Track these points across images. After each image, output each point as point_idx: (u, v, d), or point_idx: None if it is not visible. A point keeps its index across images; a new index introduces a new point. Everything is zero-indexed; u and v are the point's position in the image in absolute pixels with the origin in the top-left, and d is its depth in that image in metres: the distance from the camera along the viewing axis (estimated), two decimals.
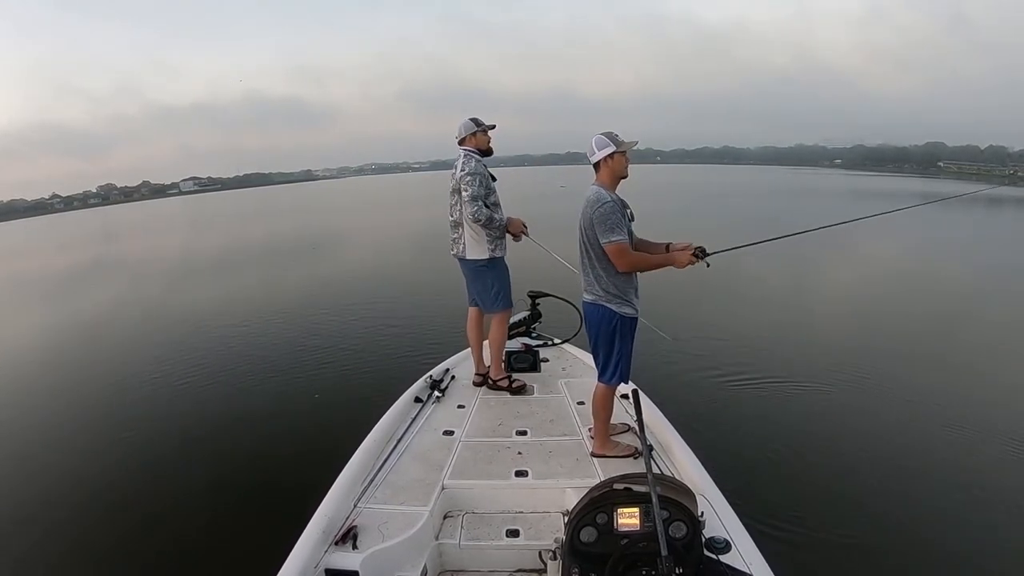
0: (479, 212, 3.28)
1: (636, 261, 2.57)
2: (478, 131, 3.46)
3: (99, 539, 3.72)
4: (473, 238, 3.42)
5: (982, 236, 18.04)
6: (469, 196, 3.28)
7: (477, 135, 3.45)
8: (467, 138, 3.44)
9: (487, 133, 3.49)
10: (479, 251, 3.43)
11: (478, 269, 3.49)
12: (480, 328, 3.76)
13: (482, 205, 3.30)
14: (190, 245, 23.55)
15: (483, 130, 3.47)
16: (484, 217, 3.30)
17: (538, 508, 2.47)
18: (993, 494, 3.77)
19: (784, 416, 4.93)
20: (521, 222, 3.56)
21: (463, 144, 3.45)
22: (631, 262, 2.55)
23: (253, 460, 4.55)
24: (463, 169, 3.34)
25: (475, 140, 3.45)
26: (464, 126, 3.45)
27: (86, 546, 3.66)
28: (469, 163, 3.36)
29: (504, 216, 3.46)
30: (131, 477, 4.44)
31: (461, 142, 3.46)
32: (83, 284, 15.95)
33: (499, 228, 3.43)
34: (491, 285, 3.51)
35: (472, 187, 3.28)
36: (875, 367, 6.01)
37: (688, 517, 1.72)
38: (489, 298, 3.54)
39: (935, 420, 4.81)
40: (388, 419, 3.07)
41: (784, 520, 3.36)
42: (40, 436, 5.45)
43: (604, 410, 2.74)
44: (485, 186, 3.36)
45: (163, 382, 6.56)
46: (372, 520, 2.24)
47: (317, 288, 11.64)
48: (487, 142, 3.50)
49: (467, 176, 3.30)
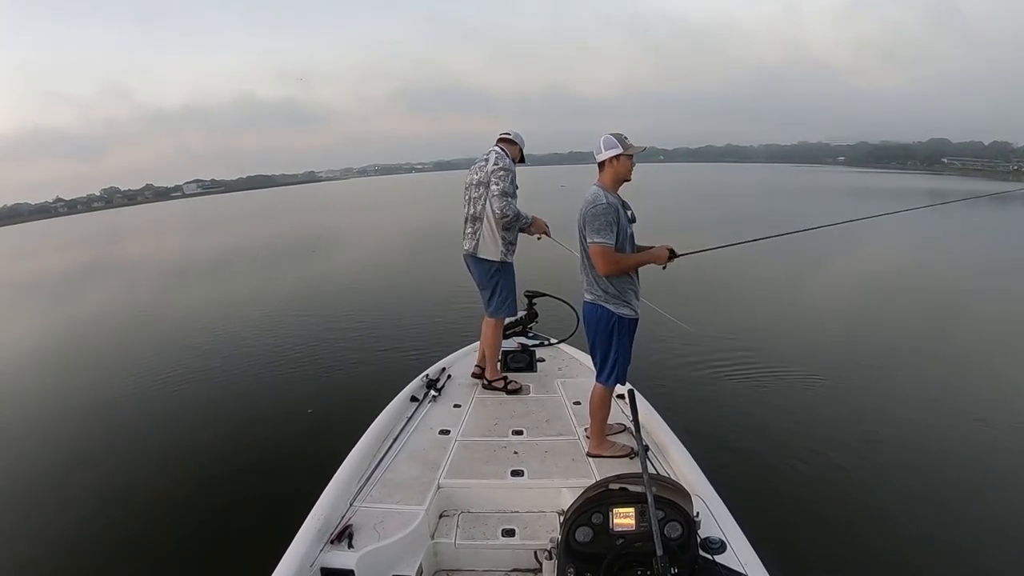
0: (508, 207, 3.27)
1: (616, 263, 2.54)
2: (523, 151, 3.52)
3: (95, 539, 3.72)
4: (490, 237, 3.39)
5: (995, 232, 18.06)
6: (500, 191, 3.27)
7: (521, 148, 3.51)
8: (517, 145, 3.48)
9: (523, 153, 3.55)
10: (492, 252, 3.41)
11: (490, 272, 3.47)
12: (498, 334, 3.70)
13: (511, 201, 3.29)
14: (192, 246, 23.59)
15: (523, 151, 3.54)
16: (513, 213, 3.29)
17: (534, 508, 2.47)
18: (996, 494, 3.77)
19: (780, 417, 4.93)
20: (544, 222, 3.57)
21: (505, 144, 3.45)
22: (611, 262, 2.53)
23: (249, 459, 4.55)
24: (496, 163, 3.32)
25: (517, 150, 3.49)
26: (521, 138, 3.51)
27: (82, 545, 3.66)
28: (504, 159, 3.35)
29: (529, 216, 3.46)
30: (127, 477, 4.44)
31: (505, 142, 3.46)
32: (84, 286, 15.95)
33: (521, 227, 3.45)
34: (500, 290, 3.50)
35: (504, 182, 3.28)
36: (875, 366, 6.01)
37: (684, 517, 1.72)
38: (496, 302, 3.52)
39: (934, 422, 4.81)
40: (384, 418, 3.07)
41: (779, 520, 3.36)
42: (39, 437, 5.46)
43: (601, 410, 2.73)
44: (514, 184, 3.36)
45: (157, 381, 6.57)
46: (368, 519, 2.23)
47: (313, 288, 11.67)
48: (520, 158, 3.53)
49: (501, 171, 3.29)
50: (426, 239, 17.87)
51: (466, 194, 3.45)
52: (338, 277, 12.90)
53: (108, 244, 29.85)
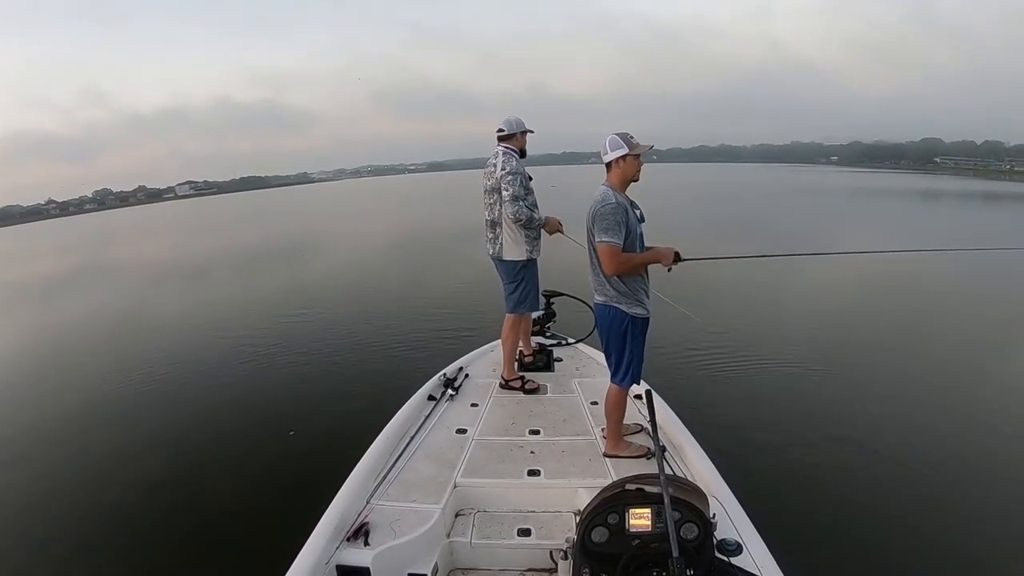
0: (520, 212, 3.28)
1: (623, 262, 2.54)
2: (525, 132, 3.46)
3: (114, 534, 3.80)
4: (511, 239, 3.42)
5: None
6: (510, 196, 3.28)
7: (523, 135, 3.46)
8: (516, 135, 3.42)
9: (526, 136, 3.49)
10: (517, 252, 3.44)
11: (515, 270, 3.49)
12: (516, 332, 3.69)
13: (523, 205, 3.30)
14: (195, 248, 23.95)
15: (526, 132, 3.48)
16: (525, 217, 3.30)
17: (550, 507, 2.47)
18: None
19: (799, 418, 4.87)
20: (558, 220, 3.57)
21: (506, 141, 3.42)
22: (619, 262, 2.53)
23: (266, 456, 4.61)
24: (504, 168, 3.32)
25: (520, 140, 3.45)
26: (515, 122, 3.43)
27: (99, 542, 3.74)
28: (510, 162, 3.34)
29: (542, 215, 3.46)
30: (149, 474, 4.52)
31: (505, 138, 3.42)
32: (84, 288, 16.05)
33: (538, 228, 3.44)
34: (523, 286, 3.52)
35: (513, 186, 3.28)
36: (897, 369, 5.90)
37: (700, 519, 1.71)
38: (517, 298, 3.54)
39: (958, 424, 4.70)
40: (401, 417, 3.09)
41: (797, 523, 3.32)
42: (56, 438, 5.58)
43: (617, 410, 2.73)
44: (524, 186, 3.35)
45: (178, 380, 6.69)
46: (384, 517, 2.25)
47: (332, 288, 11.75)
48: (525, 143, 3.49)
49: (508, 175, 3.29)
50: (447, 238, 17.93)
51: (484, 200, 3.48)
52: (355, 277, 12.99)
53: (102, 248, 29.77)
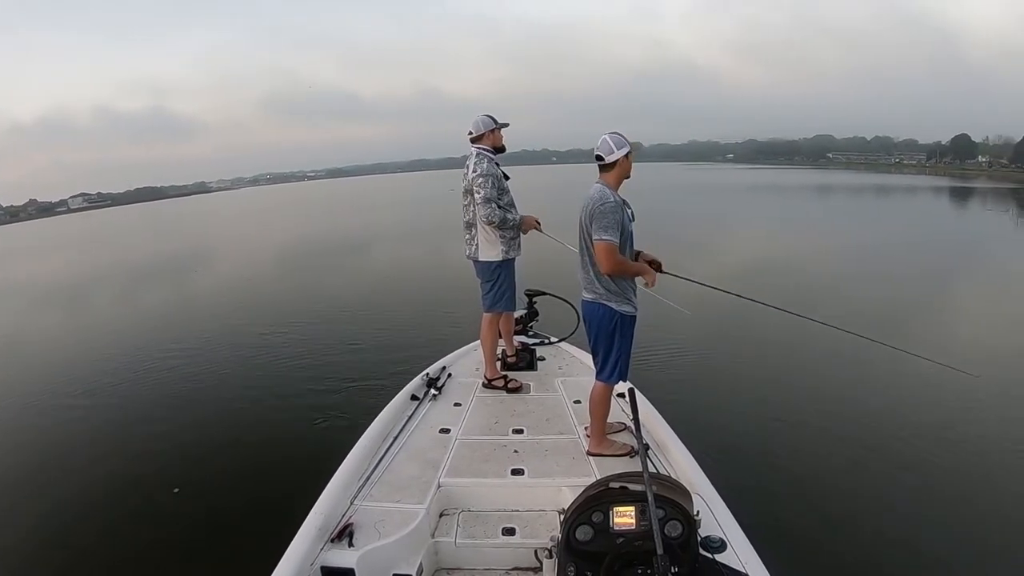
0: (492, 214, 3.28)
1: (620, 263, 2.57)
2: (496, 128, 3.43)
3: (93, 539, 3.72)
4: (487, 239, 3.41)
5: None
6: (482, 198, 3.27)
7: (495, 132, 3.43)
8: (485, 135, 3.40)
9: (500, 131, 3.46)
10: (493, 252, 3.43)
11: (491, 270, 3.48)
12: (494, 331, 3.66)
13: (495, 207, 3.29)
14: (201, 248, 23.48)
15: (499, 128, 3.45)
16: (498, 219, 3.29)
17: (534, 506, 2.47)
18: (998, 495, 3.77)
19: (781, 415, 4.93)
20: (534, 219, 3.55)
21: (477, 142, 3.41)
22: (616, 262, 2.55)
23: (249, 458, 4.55)
24: (475, 170, 3.31)
25: (492, 138, 3.43)
26: (482, 122, 3.41)
27: (80, 545, 3.66)
28: (481, 164, 3.33)
29: (518, 215, 3.45)
30: (126, 475, 4.43)
31: (476, 140, 3.41)
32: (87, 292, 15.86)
33: (513, 228, 3.42)
34: (498, 286, 3.50)
35: (484, 188, 3.27)
36: (878, 365, 5.98)
37: (684, 516, 1.72)
38: (493, 297, 3.52)
39: (939, 421, 4.79)
40: (384, 417, 3.07)
41: (780, 519, 3.36)
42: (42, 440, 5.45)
43: (601, 408, 2.73)
44: (498, 187, 3.33)
45: (161, 379, 6.57)
46: (368, 518, 2.23)
47: (313, 289, 11.65)
48: (501, 139, 3.47)
49: (479, 178, 3.28)
50: (429, 240, 17.83)
51: (461, 201, 3.47)
52: (336, 279, 12.89)
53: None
